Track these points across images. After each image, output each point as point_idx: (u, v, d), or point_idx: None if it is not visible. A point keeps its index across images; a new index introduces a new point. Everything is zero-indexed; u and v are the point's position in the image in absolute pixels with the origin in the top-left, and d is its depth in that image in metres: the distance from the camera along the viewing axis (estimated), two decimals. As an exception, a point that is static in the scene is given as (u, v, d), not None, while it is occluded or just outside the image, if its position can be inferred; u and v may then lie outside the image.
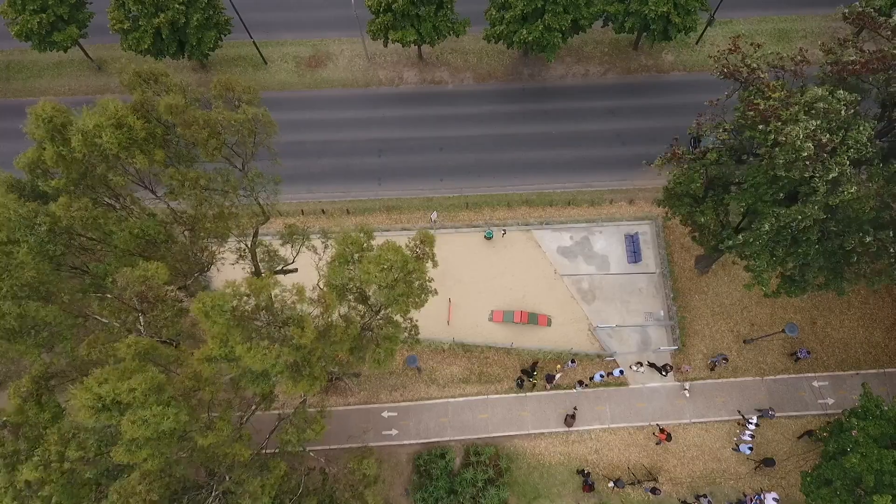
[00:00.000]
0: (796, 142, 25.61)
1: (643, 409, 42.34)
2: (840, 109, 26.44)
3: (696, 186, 32.46)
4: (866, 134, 26.93)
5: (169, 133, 27.36)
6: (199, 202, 27.30)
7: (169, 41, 43.41)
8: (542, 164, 48.63)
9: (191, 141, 26.27)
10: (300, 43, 52.71)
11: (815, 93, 26.89)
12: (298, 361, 24.57)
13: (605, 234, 46.68)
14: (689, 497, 40.57)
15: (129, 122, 24.89)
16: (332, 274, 26.19)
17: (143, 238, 26.52)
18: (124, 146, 25.12)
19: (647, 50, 51.62)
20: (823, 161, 26.19)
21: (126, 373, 22.85)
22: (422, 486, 40.09)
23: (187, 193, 26.86)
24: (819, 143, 25.86)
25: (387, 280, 24.68)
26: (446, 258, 45.42)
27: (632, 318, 44.42)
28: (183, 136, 26.54)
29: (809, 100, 27.00)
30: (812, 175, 26.42)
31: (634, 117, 49.53)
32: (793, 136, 25.69)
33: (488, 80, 51.50)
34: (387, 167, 48.89)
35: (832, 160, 26.14)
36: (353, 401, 42.88)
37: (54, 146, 25.44)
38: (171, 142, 27.65)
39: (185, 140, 26.95)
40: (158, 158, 25.97)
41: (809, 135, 25.84)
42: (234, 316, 22.92)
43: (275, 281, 24.06)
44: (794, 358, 42.46)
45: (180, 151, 28.26)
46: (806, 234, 29.27)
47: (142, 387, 22.31)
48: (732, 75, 29.68)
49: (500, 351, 43.64)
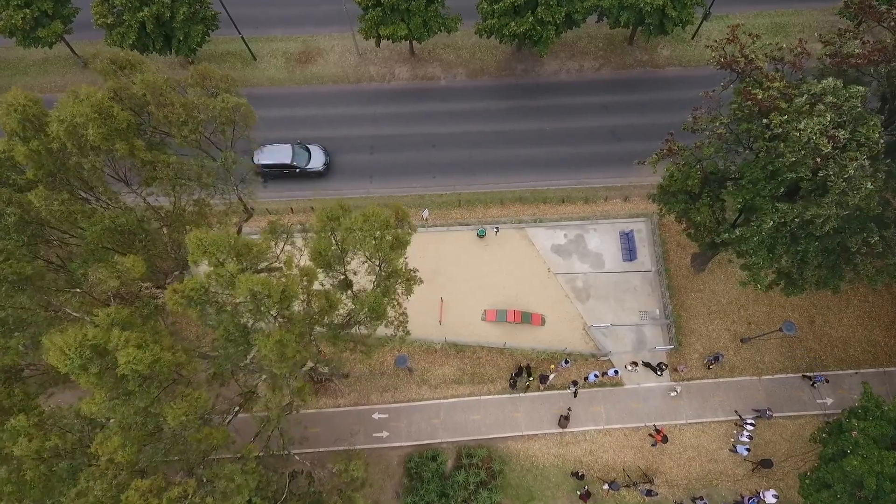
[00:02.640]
0: (812, 138, 24.67)
1: (639, 409, 41.55)
2: (854, 104, 25.52)
3: (692, 183, 31.65)
4: (878, 130, 26.09)
5: (142, 121, 26.57)
6: (174, 187, 26.46)
7: (155, 36, 42.55)
8: (536, 161, 47.83)
9: (165, 123, 25.49)
10: (290, 38, 51.89)
11: (827, 84, 25.93)
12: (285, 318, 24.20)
13: (600, 232, 45.90)
14: (685, 499, 39.82)
15: (113, 112, 24.18)
16: (316, 243, 26.18)
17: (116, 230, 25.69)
18: (107, 137, 24.40)
19: (643, 45, 50.85)
20: (835, 158, 25.32)
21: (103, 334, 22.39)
22: (412, 489, 39.30)
23: (160, 178, 26.05)
24: (834, 140, 24.96)
25: (370, 229, 25.40)
26: (438, 257, 44.81)
27: (627, 316, 43.64)
28: (157, 119, 25.76)
29: (819, 92, 26.08)
30: (825, 172, 25.47)
31: (629, 113, 48.74)
32: (807, 132, 24.74)
33: (481, 76, 50.70)
34: (378, 164, 48.07)
35: (844, 156, 25.24)
36: (343, 402, 42.05)
37: (26, 144, 24.63)
38: (143, 130, 26.82)
39: (159, 123, 26.15)
40: (139, 147, 25.23)
41: (824, 131, 24.93)
42: (234, 250, 22.83)
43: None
44: (812, 383, 41.38)
45: (153, 140, 27.42)
46: (806, 230, 28.45)
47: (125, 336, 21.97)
48: (729, 66, 28.85)
49: (492, 351, 42.83)
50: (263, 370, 30.44)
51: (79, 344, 21.70)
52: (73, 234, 25.93)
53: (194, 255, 23.24)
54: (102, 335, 22.30)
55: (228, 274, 23.20)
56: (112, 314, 23.20)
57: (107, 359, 22.83)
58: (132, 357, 21.90)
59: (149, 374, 22.70)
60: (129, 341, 22.40)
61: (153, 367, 22.66)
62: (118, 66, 26.10)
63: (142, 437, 25.28)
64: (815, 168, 25.77)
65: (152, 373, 22.86)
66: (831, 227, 26.79)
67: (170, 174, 25.90)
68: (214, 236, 23.25)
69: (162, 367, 23.17)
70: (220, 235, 23.37)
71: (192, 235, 22.98)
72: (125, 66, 26.27)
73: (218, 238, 23.28)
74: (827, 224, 26.73)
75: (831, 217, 26.44)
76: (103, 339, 22.19)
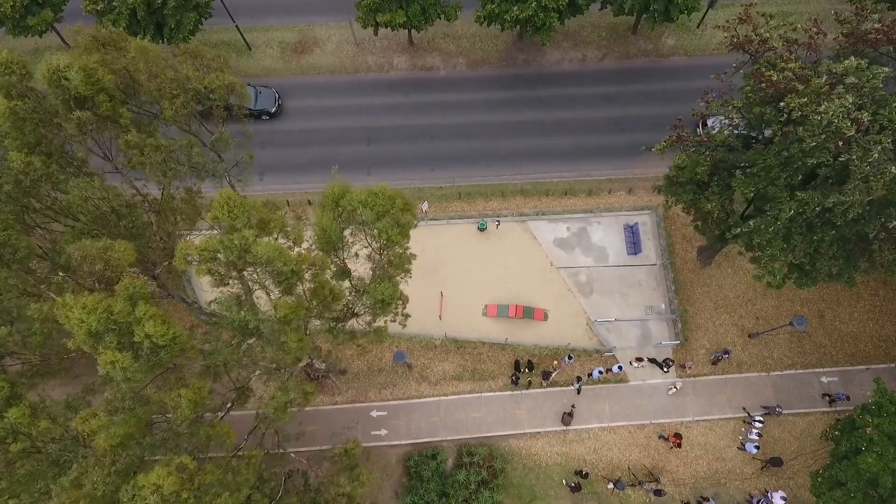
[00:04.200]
0: (834, 121, 23.50)
1: (644, 406, 40.47)
2: (876, 84, 24.33)
3: (701, 171, 30.50)
4: None
5: (129, 99, 25.56)
6: (162, 172, 25.40)
7: (146, 23, 41.37)
8: (538, 153, 46.70)
9: (156, 95, 24.51)
10: (286, 28, 50.71)
11: (850, 64, 24.73)
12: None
13: (604, 225, 44.77)
14: (692, 499, 38.74)
15: (98, 74, 23.38)
16: (320, 219, 25.69)
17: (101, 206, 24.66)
18: (92, 88, 23.56)
19: (647, 34, 49.73)
20: (858, 141, 24.16)
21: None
22: (412, 488, 38.22)
23: (147, 161, 24.99)
24: (858, 123, 23.80)
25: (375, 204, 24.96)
26: (438, 250, 43.67)
27: (631, 311, 42.53)
28: (148, 91, 24.77)
29: (840, 72, 24.89)
30: (847, 156, 24.29)
31: (633, 104, 47.62)
32: (829, 115, 23.56)
33: (482, 66, 49.55)
34: (376, 156, 46.94)
35: (868, 139, 24.06)
36: (340, 400, 40.95)
37: (9, 101, 23.81)
38: (130, 108, 25.76)
39: (150, 95, 25.20)
40: (124, 116, 24.22)
41: (846, 113, 23.76)
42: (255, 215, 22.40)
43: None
44: (830, 400, 40.08)
45: (140, 120, 26.33)
46: (824, 219, 27.29)
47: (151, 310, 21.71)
48: (742, 47, 27.68)
49: (494, 347, 41.72)
50: (258, 365, 29.39)
51: (103, 309, 21.19)
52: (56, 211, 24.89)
53: (216, 212, 22.73)
54: (127, 307, 21.89)
55: (244, 240, 22.45)
56: (133, 287, 22.57)
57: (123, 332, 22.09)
58: (157, 330, 21.53)
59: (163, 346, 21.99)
60: (154, 315, 22.04)
61: (171, 345, 22.09)
62: (101, 42, 24.99)
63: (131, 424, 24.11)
64: (837, 153, 24.59)
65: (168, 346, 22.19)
66: (854, 215, 25.63)
67: (158, 158, 24.82)
68: (241, 199, 22.90)
69: (176, 346, 22.62)
70: (245, 200, 23.06)
71: (220, 193, 22.63)
72: (108, 43, 25.16)
73: (244, 201, 22.95)
74: (850, 212, 25.55)
75: (854, 204, 25.25)
76: (126, 312, 21.73)
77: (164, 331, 21.71)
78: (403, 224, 27.10)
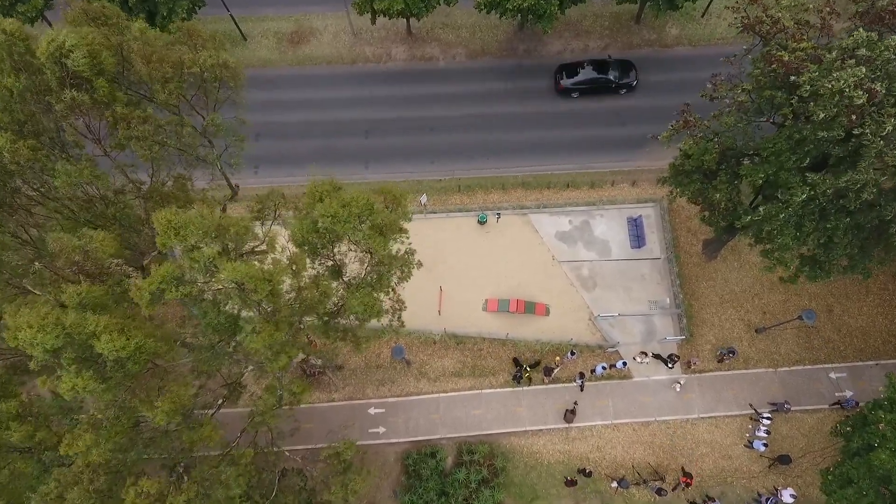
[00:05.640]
0: (846, 90, 22.54)
1: (648, 403, 39.50)
2: (889, 56, 23.35)
3: (709, 158, 29.50)
4: None
5: (118, 78, 24.53)
6: (150, 148, 24.29)
7: (137, 10, 40.24)
8: (540, 145, 45.68)
9: (147, 80, 23.46)
10: (281, 18, 49.68)
11: (859, 36, 23.78)
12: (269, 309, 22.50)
13: (607, 218, 43.77)
14: (697, 498, 37.77)
15: (101, 56, 22.31)
16: (296, 227, 24.34)
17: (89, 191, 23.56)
18: (94, 70, 22.47)
19: (651, 23, 48.71)
20: (871, 114, 23.18)
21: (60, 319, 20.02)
22: (410, 487, 37.25)
23: (136, 137, 23.87)
24: (871, 93, 22.84)
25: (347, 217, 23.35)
26: (437, 244, 42.65)
27: (635, 306, 41.54)
28: (140, 74, 23.70)
29: (851, 45, 23.94)
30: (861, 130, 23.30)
31: (637, 95, 46.61)
32: (840, 83, 22.60)
33: (482, 57, 48.54)
34: (374, 149, 45.93)
35: (882, 112, 23.09)
36: (337, 397, 39.95)
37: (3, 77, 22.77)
38: (121, 87, 24.79)
39: (141, 79, 24.10)
40: (119, 98, 23.18)
41: (859, 83, 22.81)
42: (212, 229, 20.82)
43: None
44: (838, 406, 39.03)
45: (131, 99, 25.32)
46: (837, 205, 26.29)
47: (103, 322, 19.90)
48: (752, 28, 26.69)
49: (494, 342, 40.73)
50: (250, 360, 28.37)
51: (52, 323, 19.49)
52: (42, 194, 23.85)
53: (163, 238, 20.93)
54: (78, 320, 20.10)
55: (206, 259, 20.95)
56: (83, 293, 20.95)
57: (82, 346, 20.70)
58: (115, 344, 19.83)
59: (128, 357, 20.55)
60: (107, 327, 20.27)
61: (136, 355, 20.51)
62: (91, 17, 23.96)
63: (115, 433, 23.13)
64: (850, 128, 23.62)
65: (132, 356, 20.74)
66: (868, 196, 24.60)
67: (146, 132, 23.72)
68: (186, 216, 20.91)
69: (143, 355, 21.05)
70: (192, 215, 21.05)
71: (159, 214, 20.68)
72: (97, 17, 24.12)
73: (191, 218, 20.91)
74: (864, 192, 24.54)
75: (868, 184, 24.25)
76: (78, 325, 20.01)
77: (122, 343, 20.05)
78: (389, 223, 25.71)
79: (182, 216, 20.60)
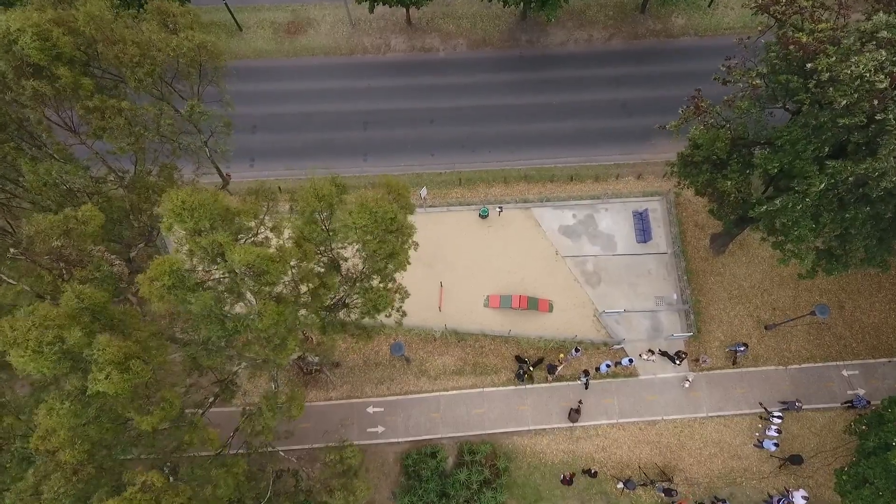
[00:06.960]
0: (866, 74, 21.51)
1: (655, 402, 38.39)
2: None
3: (720, 146, 28.38)
4: None
5: (90, 61, 23.10)
6: (126, 138, 22.95)
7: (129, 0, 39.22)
8: (542, 137, 44.60)
9: (115, 64, 22.04)
10: (278, 8, 48.62)
11: (879, 19, 22.75)
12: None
13: (612, 212, 42.67)
14: (706, 499, 36.66)
15: (53, 34, 20.81)
16: (303, 228, 22.74)
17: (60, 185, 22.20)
18: (48, 55, 21.00)
19: (656, 13, 47.63)
20: (894, 98, 22.12)
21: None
22: (410, 488, 36.13)
23: (111, 128, 22.49)
24: (893, 77, 21.78)
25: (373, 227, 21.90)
26: (437, 239, 41.56)
27: (641, 302, 40.44)
28: (106, 58, 22.27)
29: (870, 28, 22.90)
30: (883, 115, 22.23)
31: (642, 86, 45.53)
32: (860, 68, 21.56)
33: (483, 47, 47.45)
34: (373, 141, 44.85)
35: None
36: (334, 395, 38.85)
37: None
38: (92, 70, 23.37)
39: (108, 63, 22.66)
40: (86, 86, 21.80)
41: (879, 67, 21.76)
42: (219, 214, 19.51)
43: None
44: (849, 405, 37.80)
45: (104, 84, 24.00)
46: (857, 194, 25.17)
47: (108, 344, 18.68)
48: (766, 9, 25.60)
49: (496, 339, 39.64)
50: (243, 357, 27.23)
51: (50, 341, 17.97)
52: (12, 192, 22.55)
53: (171, 218, 19.63)
54: (80, 339, 18.55)
55: (217, 245, 19.73)
56: (83, 296, 19.45)
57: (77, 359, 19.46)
58: (113, 381, 18.45)
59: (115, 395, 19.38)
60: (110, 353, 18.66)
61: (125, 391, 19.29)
62: (55, 0, 22.68)
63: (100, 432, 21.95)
64: (872, 113, 22.55)
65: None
66: (888, 184, 23.51)
67: (121, 122, 22.38)
68: (199, 197, 19.64)
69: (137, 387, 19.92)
70: (206, 196, 19.83)
71: (171, 194, 19.30)
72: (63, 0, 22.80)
73: (203, 199, 19.66)
74: (884, 180, 23.45)
75: (889, 171, 23.17)
76: (83, 345, 18.55)
77: (121, 387, 18.73)
78: (405, 227, 24.64)
79: (196, 196, 19.46)
